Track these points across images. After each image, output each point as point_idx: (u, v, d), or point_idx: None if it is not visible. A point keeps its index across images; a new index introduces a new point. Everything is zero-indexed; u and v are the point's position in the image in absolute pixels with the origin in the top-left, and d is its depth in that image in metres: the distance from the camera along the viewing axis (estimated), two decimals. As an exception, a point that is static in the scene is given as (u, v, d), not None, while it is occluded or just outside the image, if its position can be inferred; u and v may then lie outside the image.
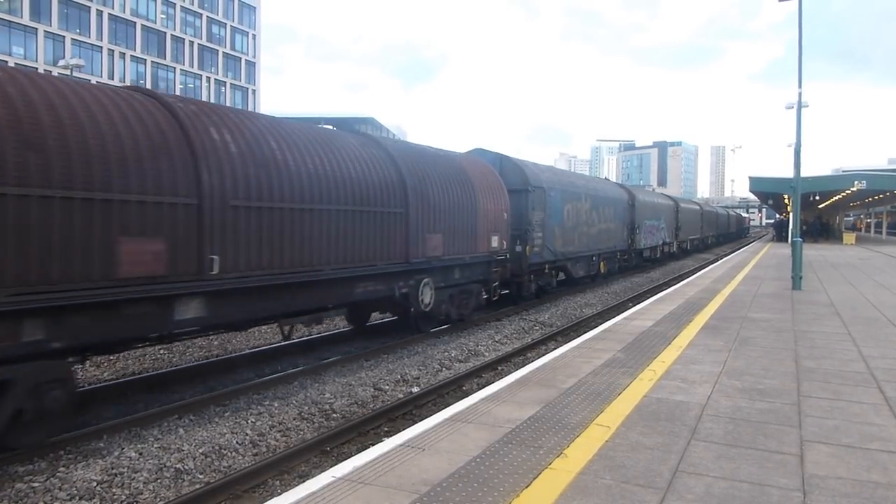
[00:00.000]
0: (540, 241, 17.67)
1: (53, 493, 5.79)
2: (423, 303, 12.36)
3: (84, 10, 67.09)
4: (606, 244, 24.06)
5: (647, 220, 30.17)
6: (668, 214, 35.63)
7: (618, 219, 25.56)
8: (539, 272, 18.38)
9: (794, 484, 4.25)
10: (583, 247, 21.31)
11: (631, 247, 27.85)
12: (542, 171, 19.39)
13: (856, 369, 7.58)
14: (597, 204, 22.77)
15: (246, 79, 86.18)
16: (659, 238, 32.97)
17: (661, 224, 33.21)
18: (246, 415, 8.05)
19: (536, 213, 17.46)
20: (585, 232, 21.47)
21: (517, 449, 4.85)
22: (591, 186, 23.45)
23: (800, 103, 18.68)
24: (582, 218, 21.10)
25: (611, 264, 25.53)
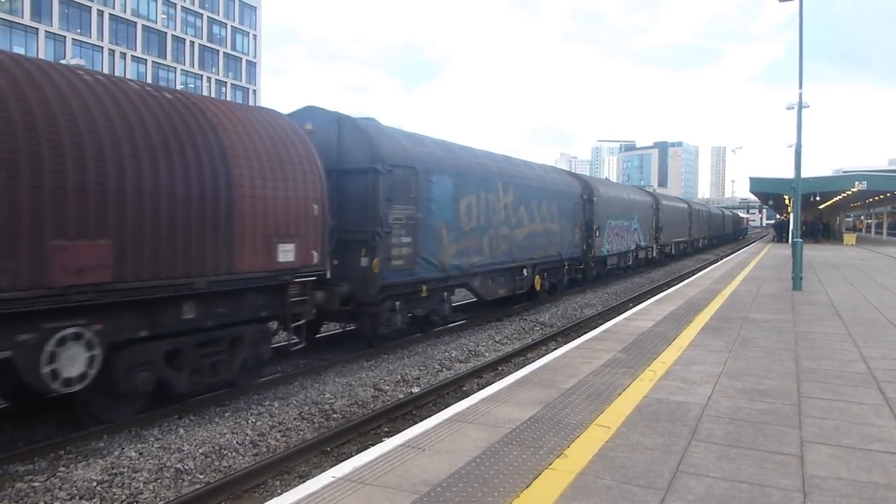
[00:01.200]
0: (407, 251, 11.73)
1: (54, 493, 5.79)
2: (60, 380, 6.43)
3: (85, 10, 67.10)
4: (545, 251, 18.04)
5: (613, 219, 24.49)
6: (645, 213, 29.85)
7: (565, 218, 19.49)
8: (411, 296, 12.32)
9: (795, 485, 4.25)
10: (501, 256, 15.29)
11: (588, 254, 21.89)
12: (417, 144, 12.74)
13: (856, 370, 7.58)
14: (526, 197, 16.65)
15: (247, 79, 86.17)
16: (630, 241, 27.18)
17: (633, 225, 27.41)
18: (246, 415, 8.05)
19: (397, 206, 11.46)
20: (506, 235, 15.50)
21: (517, 449, 4.85)
22: (517, 173, 16.66)
23: (800, 104, 18.67)
24: (496, 216, 15.06)
25: (555, 277, 19.67)
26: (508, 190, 15.67)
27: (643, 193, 33.21)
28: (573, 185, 21.25)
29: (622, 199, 26.52)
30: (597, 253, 22.67)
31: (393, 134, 12.28)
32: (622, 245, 25.97)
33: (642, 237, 29.23)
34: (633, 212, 27.75)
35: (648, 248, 30.94)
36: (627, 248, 26.93)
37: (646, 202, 30.90)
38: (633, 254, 28.07)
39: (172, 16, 76.86)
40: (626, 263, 27.64)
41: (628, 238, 26.83)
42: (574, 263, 21.12)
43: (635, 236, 28.00)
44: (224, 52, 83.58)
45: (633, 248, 27.91)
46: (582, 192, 21.63)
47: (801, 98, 18.61)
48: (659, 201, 33.54)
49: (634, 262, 29.00)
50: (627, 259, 27.62)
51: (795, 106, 18.98)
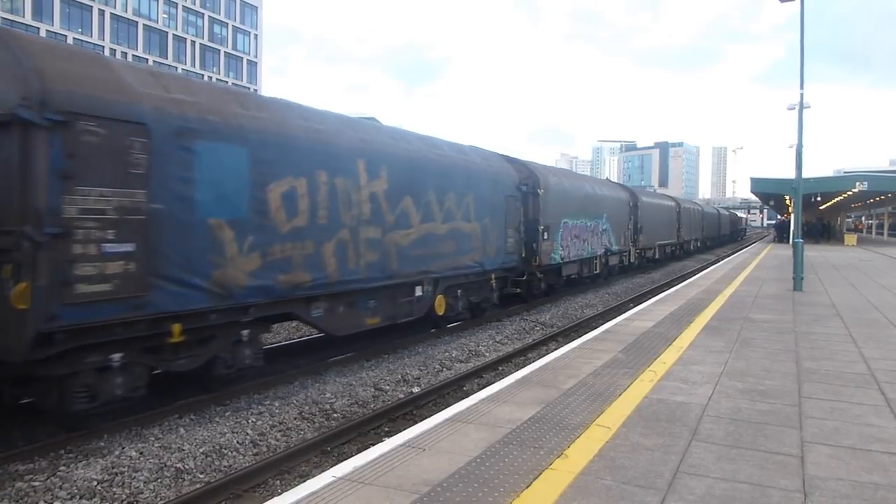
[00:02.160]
0: (123, 267, 6.82)
1: (54, 493, 5.79)
2: None
3: (86, 9, 67.19)
4: (454, 262, 13.07)
5: (571, 218, 19.70)
6: (618, 212, 25.28)
7: (491, 216, 14.54)
8: (145, 344, 7.44)
9: (795, 485, 4.25)
10: (366, 270, 10.47)
11: (531, 262, 17.11)
12: (158, 82, 7.59)
13: (857, 371, 7.57)
14: (416, 186, 11.78)
15: (248, 79, 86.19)
16: (596, 245, 22.43)
17: (600, 225, 22.78)
18: (247, 414, 8.05)
19: (92, 190, 6.60)
20: (374, 239, 10.66)
21: (518, 449, 4.85)
22: (400, 151, 11.66)
23: (801, 104, 18.65)
24: (355, 211, 10.23)
25: (477, 295, 14.67)
26: (379, 173, 10.68)
27: (615, 188, 27.95)
28: (506, 173, 15.85)
29: (583, 194, 21.42)
30: (545, 261, 17.61)
31: (90, 57, 7.35)
32: (584, 250, 21.17)
33: (614, 240, 24.52)
34: (600, 210, 22.86)
35: (623, 252, 26.29)
36: (592, 253, 22.00)
37: (618, 199, 25.91)
38: (600, 260, 23.14)
39: (173, 15, 76.93)
40: (591, 272, 22.57)
41: (594, 241, 22.06)
42: (511, 275, 16.41)
43: (604, 239, 23.22)
44: (225, 52, 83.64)
45: (602, 254, 23.08)
46: (521, 183, 16.47)
47: (802, 98, 18.59)
48: (637, 198, 28.78)
49: (604, 269, 23.89)
50: (593, 267, 22.58)
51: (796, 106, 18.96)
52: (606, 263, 24.16)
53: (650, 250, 31.24)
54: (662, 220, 33.80)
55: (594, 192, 23.00)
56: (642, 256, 29.83)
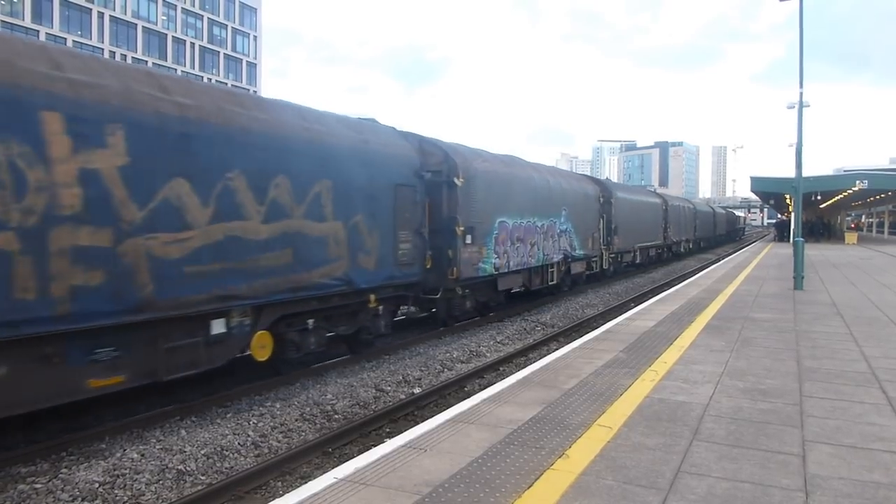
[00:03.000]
0: None
1: (56, 495, 5.79)
2: None
3: (85, 11, 67.21)
4: (288, 278, 9.03)
5: (510, 217, 15.55)
6: (583, 209, 21.07)
7: (365, 210, 10.58)
8: None
9: (797, 484, 4.25)
10: (39, 304, 6.10)
11: (450, 275, 13.09)
12: None
13: (858, 369, 7.57)
14: (192, 161, 7.63)
15: (247, 80, 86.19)
16: (551, 250, 18.18)
17: (557, 225, 18.64)
18: (248, 416, 8.05)
19: None
20: (74, 247, 6.37)
21: (519, 450, 4.85)
22: (149, 102, 7.17)
23: (801, 103, 18.65)
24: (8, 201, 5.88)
25: (339, 324, 10.64)
26: (104, 139, 6.66)
27: (580, 180, 23.04)
28: (398, 154, 11.60)
29: (529, 186, 16.82)
30: (467, 273, 13.45)
31: None
32: (533, 256, 16.98)
33: (578, 243, 20.46)
34: (557, 206, 18.67)
35: (592, 257, 22.28)
36: (545, 260, 17.86)
37: (583, 193, 21.60)
38: (558, 268, 19.05)
39: (173, 17, 76.94)
40: (544, 283, 18.41)
41: (547, 245, 17.89)
42: (414, 293, 12.54)
43: (563, 242, 19.15)
44: (224, 54, 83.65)
45: (560, 260, 19.02)
46: (423, 168, 12.28)
47: (801, 97, 18.59)
48: (611, 193, 24.53)
49: (564, 279, 20.02)
50: (547, 277, 18.42)
51: (796, 105, 18.96)
52: (567, 272, 20.14)
53: (628, 254, 27.03)
54: (645, 218, 29.80)
55: (547, 185, 18.10)
56: (618, 261, 25.77)
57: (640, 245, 28.80)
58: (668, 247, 35.83)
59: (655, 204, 32.65)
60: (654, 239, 31.59)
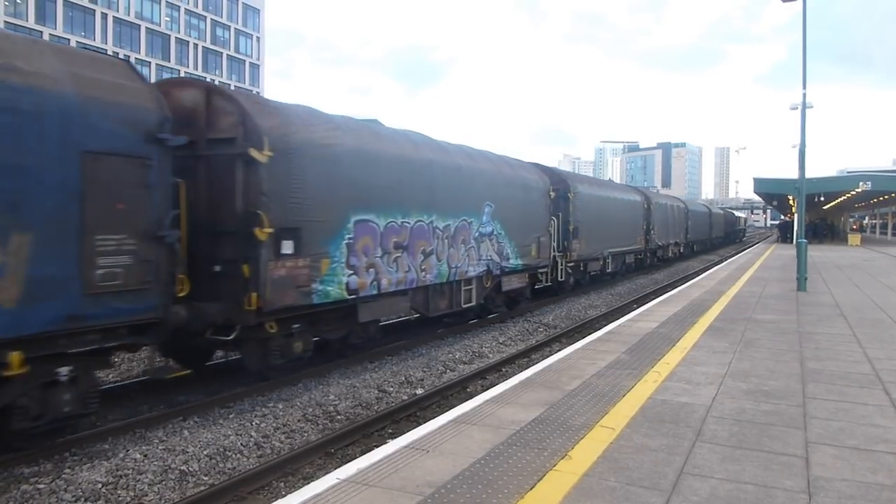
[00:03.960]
0: None
1: (59, 495, 5.80)
2: None
3: (89, 12, 67.42)
4: None
5: (386, 214, 10.86)
6: (523, 205, 16.02)
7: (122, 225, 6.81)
8: None
9: (800, 486, 4.24)
10: None
11: (247, 305, 8.26)
12: None
13: (861, 371, 7.55)
14: None
15: (250, 81, 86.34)
16: (465, 262, 13.35)
17: (476, 227, 13.76)
18: (250, 416, 8.06)
19: None
20: None
21: (522, 451, 4.85)
22: None
23: (804, 104, 18.62)
24: None
25: None
26: None
27: (519, 168, 16.72)
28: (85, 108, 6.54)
29: (419, 169, 11.83)
30: (280, 300, 8.72)
31: None
32: (427, 270, 11.94)
33: (513, 250, 15.31)
34: (474, 201, 13.65)
35: (540, 267, 17.41)
36: (453, 275, 12.81)
37: (522, 185, 16.15)
38: (477, 285, 13.92)
39: (176, 18, 77.12)
40: (453, 308, 13.32)
41: (455, 254, 12.85)
42: (148, 338, 7.63)
43: (485, 250, 14.04)
44: (227, 55, 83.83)
45: (481, 274, 13.95)
46: (155, 128, 7.26)
47: (804, 98, 18.57)
48: (568, 186, 19.81)
49: (491, 297, 15.03)
50: (456, 299, 13.30)
51: (799, 106, 18.93)
52: (497, 288, 15.11)
53: (595, 262, 22.34)
54: (619, 219, 25.06)
55: (456, 170, 12.94)
56: (581, 271, 21.30)
57: (613, 250, 24.09)
58: (653, 252, 31.18)
59: (634, 202, 27.78)
60: (631, 243, 26.91)
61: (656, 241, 31.02)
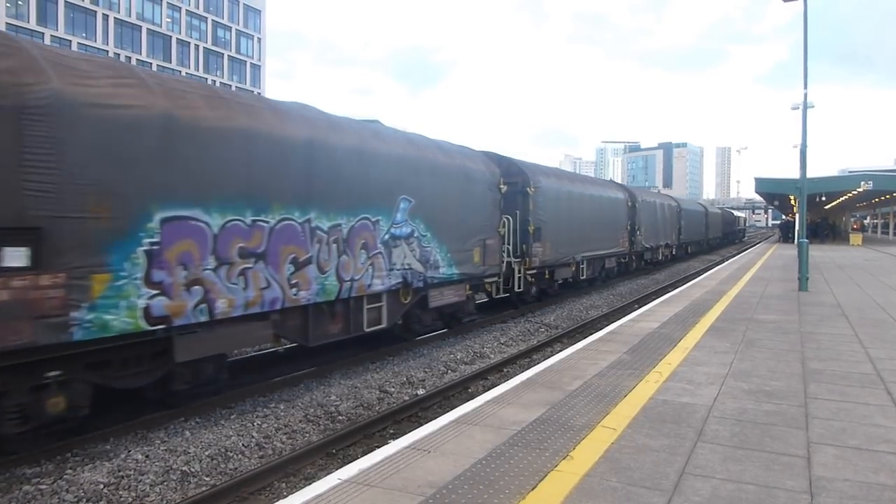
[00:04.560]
0: None
1: (60, 496, 5.81)
2: None
3: (90, 14, 67.52)
4: None
5: (225, 209, 7.80)
6: (459, 199, 13.11)
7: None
8: None
9: (802, 486, 4.23)
10: None
11: None
12: None
13: (863, 371, 7.54)
14: None
15: (251, 82, 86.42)
16: (365, 275, 10.25)
17: (386, 228, 10.72)
18: (252, 417, 8.06)
19: None
20: None
21: (523, 451, 4.85)
22: None
23: (805, 104, 18.61)
24: None
25: None
26: None
27: (454, 155, 13.44)
28: None
29: (285, 149, 8.74)
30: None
31: None
32: (303, 286, 9.04)
33: (444, 256, 12.45)
34: (381, 194, 10.73)
35: (488, 276, 14.39)
36: (350, 289, 9.98)
37: (461, 175, 13.22)
38: (390, 301, 11.14)
39: (177, 19, 77.23)
40: (354, 330, 10.40)
41: (351, 263, 9.95)
42: None
43: (399, 256, 11.13)
44: (228, 56, 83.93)
45: (393, 287, 11.05)
46: None
47: (805, 98, 18.56)
48: (530, 180, 16.57)
49: (411, 317, 12.26)
50: (362, 318, 10.51)
51: (800, 106, 18.92)
52: (422, 304, 12.05)
53: (565, 268, 19.18)
54: (596, 218, 21.95)
55: (352, 148, 9.99)
56: (547, 279, 18.14)
57: (588, 254, 21.13)
58: (639, 255, 28.29)
59: (615, 199, 24.72)
60: (612, 245, 23.91)
61: (643, 243, 27.95)
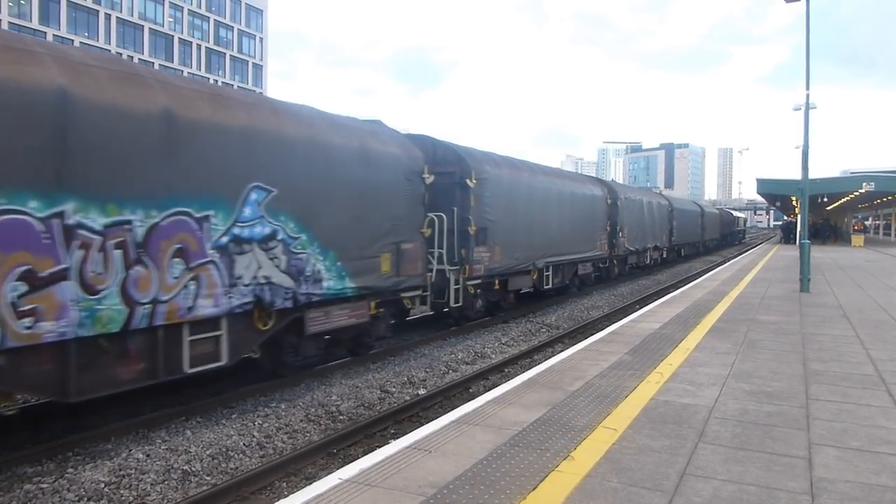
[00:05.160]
0: None
1: (62, 495, 5.81)
2: None
3: (92, 13, 67.59)
4: None
5: None
6: (355, 187, 9.71)
7: None
8: None
9: (803, 487, 4.23)
10: None
11: None
12: None
13: (864, 372, 7.53)
14: None
15: (253, 82, 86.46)
16: (180, 295, 7.08)
17: (221, 226, 7.55)
18: (253, 417, 8.07)
19: None
20: None
21: (524, 451, 4.84)
22: None
23: (807, 105, 18.60)
24: None
25: None
26: None
27: (365, 135, 10.26)
28: None
29: (80, 112, 6.12)
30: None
31: None
32: (91, 310, 6.24)
33: (333, 268, 9.36)
34: (225, 178, 7.65)
35: (401, 290, 11.30)
36: (175, 309, 7.05)
37: (370, 159, 10.10)
38: (243, 327, 8.11)
39: (179, 19, 77.29)
40: (184, 369, 7.33)
41: (161, 280, 6.93)
42: None
43: (254, 267, 8.04)
44: (231, 55, 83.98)
45: (243, 308, 7.94)
46: None
47: (808, 99, 18.54)
48: (471, 170, 13.45)
49: (300, 345, 9.46)
50: (187, 355, 7.32)
51: (802, 107, 18.91)
52: (295, 329, 9.13)
53: (522, 275, 16.07)
54: (566, 217, 18.62)
55: (159, 113, 6.93)
56: (499, 290, 15.24)
57: (555, 259, 17.86)
58: (622, 259, 25.14)
59: (590, 196, 21.16)
60: (587, 248, 20.54)
61: (626, 246, 24.75)
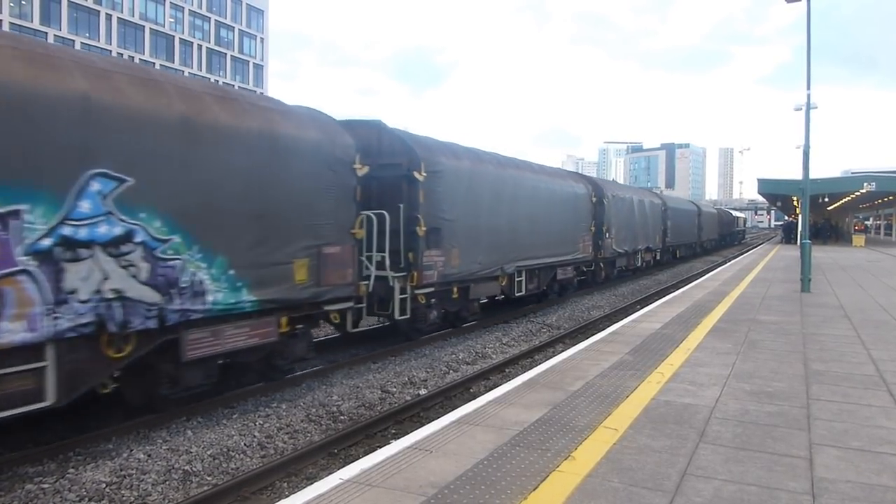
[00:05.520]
0: None
1: (63, 495, 5.82)
2: None
3: (93, 14, 67.64)
4: None
5: None
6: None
7: None
8: None
9: (804, 487, 4.23)
10: None
11: None
12: None
13: (865, 372, 7.53)
14: None
15: (254, 82, 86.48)
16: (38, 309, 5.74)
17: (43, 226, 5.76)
18: (254, 417, 8.07)
19: None
20: None
21: (525, 451, 4.85)
22: None
23: (808, 105, 18.59)
24: None
25: None
26: None
27: (275, 114, 8.51)
28: None
29: None
30: None
31: None
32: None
33: (224, 277, 7.57)
34: (46, 169, 5.80)
35: (324, 302, 9.27)
36: None
37: (278, 145, 8.26)
38: (67, 357, 6.07)
39: (180, 19, 77.33)
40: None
41: None
42: None
43: (95, 279, 6.26)
44: (231, 56, 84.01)
45: (84, 330, 6.16)
46: None
47: (809, 99, 18.53)
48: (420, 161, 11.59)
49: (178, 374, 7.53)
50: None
51: (803, 107, 18.91)
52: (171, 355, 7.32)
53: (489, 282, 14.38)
54: (542, 216, 16.63)
55: None
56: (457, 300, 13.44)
57: (528, 263, 15.95)
58: (609, 262, 23.17)
59: (572, 193, 19.09)
60: (567, 251, 18.56)
61: (613, 248, 22.85)
